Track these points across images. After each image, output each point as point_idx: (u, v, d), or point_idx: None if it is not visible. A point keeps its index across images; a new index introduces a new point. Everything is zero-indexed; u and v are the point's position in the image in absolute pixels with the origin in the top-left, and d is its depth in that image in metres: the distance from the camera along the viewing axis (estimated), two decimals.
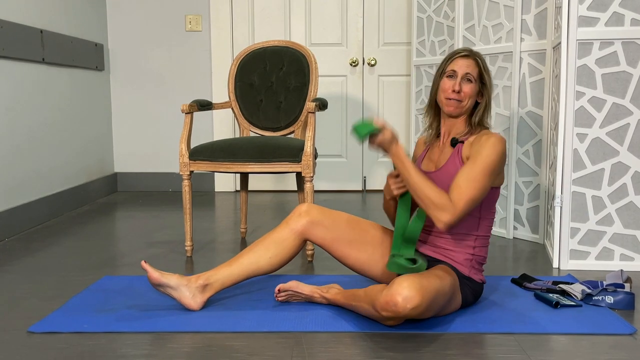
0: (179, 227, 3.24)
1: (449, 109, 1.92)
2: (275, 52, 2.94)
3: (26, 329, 1.81)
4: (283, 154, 2.52)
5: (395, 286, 1.66)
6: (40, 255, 2.68)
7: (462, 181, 1.81)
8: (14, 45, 3.07)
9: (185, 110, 2.61)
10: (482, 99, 1.94)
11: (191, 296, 1.91)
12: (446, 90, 1.92)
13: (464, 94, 1.90)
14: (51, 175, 3.51)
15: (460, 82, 1.90)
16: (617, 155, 2.41)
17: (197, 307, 1.92)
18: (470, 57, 1.93)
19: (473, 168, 1.81)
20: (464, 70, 1.90)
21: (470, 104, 1.93)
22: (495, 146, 1.83)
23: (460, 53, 1.94)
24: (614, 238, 2.44)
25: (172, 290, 1.90)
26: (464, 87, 1.90)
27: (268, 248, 1.95)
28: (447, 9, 3.27)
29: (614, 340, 1.72)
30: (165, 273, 1.89)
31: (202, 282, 1.92)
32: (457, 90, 1.89)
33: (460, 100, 1.90)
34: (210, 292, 1.93)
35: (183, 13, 4.34)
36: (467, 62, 1.92)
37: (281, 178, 4.53)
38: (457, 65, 1.92)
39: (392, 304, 1.65)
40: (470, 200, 1.80)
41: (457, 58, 1.93)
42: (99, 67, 4.16)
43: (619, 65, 2.37)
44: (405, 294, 1.64)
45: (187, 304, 1.91)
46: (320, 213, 1.98)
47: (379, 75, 4.39)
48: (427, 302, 1.67)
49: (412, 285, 1.65)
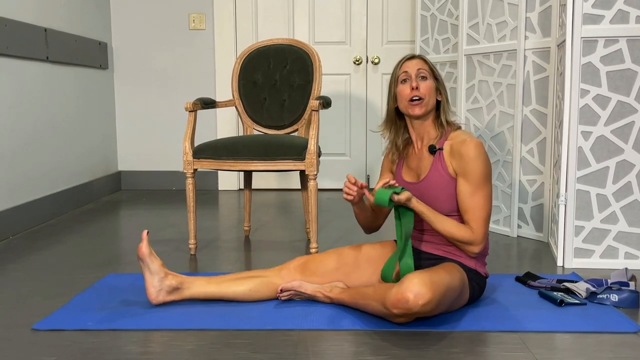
0: (182, 226, 3.24)
1: (414, 111, 1.92)
2: (278, 51, 2.94)
3: (30, 326, 1.82)
4: (286, 152, 2.52)
5: (406, 283, 1.66)
6: (44, 253, 2.68)
7: (469, 206, 1.86)
8: (18, 44, 3.07)
9: (188, 108, 2.61)
10: (441, 96, 1.96)
11: (157, 290, 1.92)
12: (405, 94, 1.93)
13: (423, 91, 1.91)
14: (55, 174, 3.52)
15: (416, 79, 1.92)
16: (621, 153, 2.40)
17: (155, 303, 1.93)
18: (417, 57, 1.96)
19: (472, 187, 1.85)
20: (415, 68, 1.93)
21: (432, 102, 1.94)
22: (479, 156, 1.86)
23: (404, 58, 1.98)
24: (619, 236, 2.43)
25: (147, 273, 1.92)
26: (421, 84, 1.92)
27: (253, 284, 1.98)
28: (451, 7, 3.26)
29: (618, 339, 1.71)
30: (154, 255, 1.91)
31: (175, 285, 1.94)
32: (416, 87, 1.90)
33: (421, 97, 1.91)
34: (176, 297, 1.96)
35: (187, 12, 4.35)
36: (415, 62, 1.94)
37: (285, 176, 4.53)
38: (407, 67, 1.94)
39: (404, 300, 1.65)
40: (487, 218, 1.87)
41: (405, 62, 1.96)
42: (103, 65, 4.17)
43: (623, 62, 2.36)
44: (417, 291, 1.64)
45: (149, 292, 1.92)
46: (314, 263, 2.00)
47: (383, 74, 4.38)
48: (438, 297, 1.67)
49: (423, 281, 1.66)
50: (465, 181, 1.86)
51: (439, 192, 1.89)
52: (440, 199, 1.90)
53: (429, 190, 1.91)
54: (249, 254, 2.67)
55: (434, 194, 1.90)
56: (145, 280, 1.93)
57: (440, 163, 1.91)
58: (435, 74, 1.96)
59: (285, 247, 2.79)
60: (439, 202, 1.90)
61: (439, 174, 1.90)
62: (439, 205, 1.90)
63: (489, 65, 3.01)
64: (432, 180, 1.91)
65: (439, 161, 1.91)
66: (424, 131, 1.97)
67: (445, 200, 1.89)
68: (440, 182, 1.90)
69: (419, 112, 1.91)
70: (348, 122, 4.43)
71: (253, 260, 2.57)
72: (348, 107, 4.42)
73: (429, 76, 1.93)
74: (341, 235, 3.02)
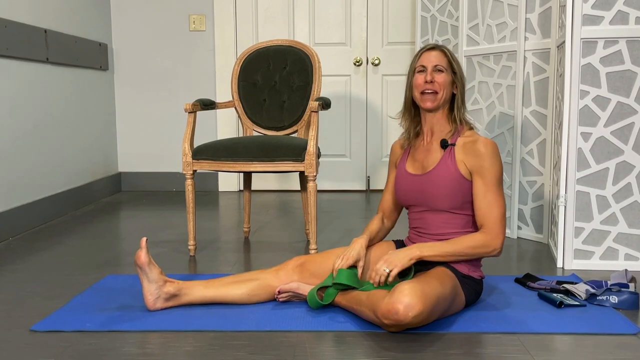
0: (182, 227, 3.24)
1: (425, 103, 1.92)
2: (278, 52, 2.94)
3: (29, 327, 1.81)
4: (286, 153, 2.52)
5: (397, 294, 1.65)
6: (43, 255, 2.68)
7: (485, 206, 1.86)
8: (18, 45, 3.07)
9: (188, 109, 2.61)
10: (457, 90, 1.95)
11: (154, 297, 1.91)
12: (419, 84, 1.92)
13: (437, 84, 1.90)
14: (55, 175, 3.52)
15: (432, 73, 1.91)
16: (621, 154, 2.39)
17: (152, 309, 1.92)
18: (437, 49, 1.94)
19: (487, 186, 1.86)
20: (433, 62, 1.92)
21: (446, 95, 1.93)
22: (494, 155, 1.86)
23: (425, 48, 1.96)
24: (619, 238, 2.42)
25: (145, 281, 1.91)
26: (436, 77, 1.91)
27: (250, 288, 1.98)
28: (451, 8, 3.26)
29: (618, 340, 1.71)
30: (153, 264, 1.89)
31: (173, 292, 1.93)
32: (430, 80, 1.90)
33: (435, 91, 1.91)
34: (174, 303, 1.95)
35: (187, 13, 4.35)
36: (434, 54, 1.93)
37: (284, 177, 4.53)
38: (425, 60, 1.93)
39: (394, 312, 1.64)
40: (502, 216, 1.86)
41: (424, 53, 1.95)
42: (103, 66, 4.17)
43: (623, 64, 2.36)
44: (407, 302, 1.63)
45: (146, 299, 1.91)
46: (312, 264, 2.00)
47: (383, 75, 4.38)
48: (429, 309, 1.66)
49: (414, 292, 1.64)
50: (481, 179, 1.86)
51: (443, 186, 1.89)
52: (441, 194, 1.89)
53: (432, 184, 1.90)
54: (249, 255, 2.67)
55: (436, 187, 1.89)
56: (143, 287, 1.92)
57: (450, 158, 1.90)
58: (454, 67, 1.93)
59: (284, 248, 2.78)
60: (440, 197, 1.89)
61: (447, 168, 1.89)
62: (439, 200, 1.90)
63: (488, 67, 3.01)
64: (439, 174, 1.90)
65: (448, 156, 1.91)
66: (436, 124, 1.96)
67: (446, 195, 1.88)
68: (446, 176, 1.88)
69: (430, 106, 1.92)
70: (348, 123, 4.43)
71: (252, 262, 2.56)
72: (348, 108, 4.41)
73: (447, 69, 1.92)
74: (341, 237, 3.02)
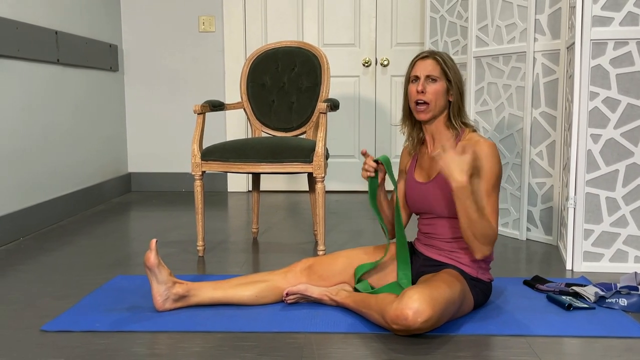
0: (191, 227, 3.25)
1: (419, 115, 1.91)
2: (287, 53, 2.95)
3: (39, 327, 1.83)
4: (294, 154, 2.52)
5: (406, 299, 1.65)
6: (54, 255, 2.70)
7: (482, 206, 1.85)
8: (29, 46, 3.10)
9: (197, 111, 2.62)
10: (452, 98, 1.91)
11: (164, 298, 1.92)
12: (412, 95, 1.91)
13: (429, 95, 1.87)
14: (65, 175, 3.54)
15: (424, 83, 1.88)
16: (631, 156, 2.38)
17: (161, 310, 1.93)
18: (429, 58, 1.90)
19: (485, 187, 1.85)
20: (425, 72, 1.88)
21: (440, 105, 1.90)
22: (494, 156, 1.85)
23: (419, 56, 1.93)
24: (628, 240, 2.41)
25: (155, 282, 1.92)
26: (428, 87, 1.88)
27: (259, 289, 1.98)
28: (460, 9, 3.25)
29: (627, 343, 1.70)
30: (162, 265, 1.90)
31: (182, 293, 1.94)
32: (421, 91, 1.87)
33: (427, 102, 1.88)
34: (182, 304, 1.95)
35: (196, 14, 4.36)
36: (426, 63, 1.89)
37: (293, 178, 4.53)
38: (417, 69, 1.90)
39: (403, 318, 1.64)
40: (497, 221, 1.87)
41: (417, 61, 1.92)
42: (113, 67, 4.19)
43: (633, 65, 2.35)
44: (416, 308, 1.63)
45: (155, 300, 1.92)
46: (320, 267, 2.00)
47: (392, 76, 4.38)
48: (438, 314, 1.66)
49: (423, 298, 1.64)
50: (479, 181, 1.85)
51: (445, 194, 1.89)
52: (444, 202, 1.89)
53: (435, 192, 1.90)
54: (257, 256, 2.67)
55: (439, 196, 1.90)
56: (152, 288, 1.92)
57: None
58: (448, 76, 1.89)
59: (293, 250, 2.79)
60: (443, 205, 1.89)
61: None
62: (441, 208, 1.90)
63: (498, 68, 3.00)
64: (440, 181, 1.90)
65: None
66: (435, 132, 1.95)
67: (451, 202, 1.88)
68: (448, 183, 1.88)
69: (423, 118, 1.91)
70: (357, 124, 4.43)
71: (261, 262, 2.57)
72: (357, 109, 4.41)
73: (440, 78, 1.89)
74: (349, 238, 3.02)
